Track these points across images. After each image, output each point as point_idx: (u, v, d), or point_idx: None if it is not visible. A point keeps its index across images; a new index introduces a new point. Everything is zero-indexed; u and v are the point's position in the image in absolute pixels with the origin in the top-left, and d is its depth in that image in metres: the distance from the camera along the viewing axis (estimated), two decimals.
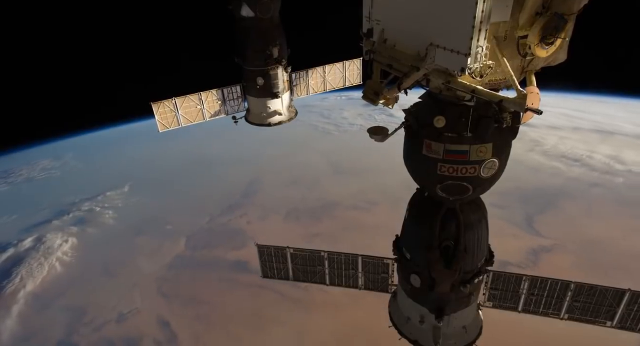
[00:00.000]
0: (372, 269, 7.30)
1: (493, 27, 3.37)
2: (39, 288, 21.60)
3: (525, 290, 6.65)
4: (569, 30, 3.70)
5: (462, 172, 4.48)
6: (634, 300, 6.32)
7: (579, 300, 6.50)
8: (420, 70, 3.83)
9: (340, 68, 10.17)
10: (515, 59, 3.77)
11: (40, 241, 24.91)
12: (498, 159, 4.49)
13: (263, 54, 8.40)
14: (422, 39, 3.64)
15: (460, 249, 5.07)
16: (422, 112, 4.65)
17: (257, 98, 9.13)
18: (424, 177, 4.93)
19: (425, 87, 4.52)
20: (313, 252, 7.55)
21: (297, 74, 9.64)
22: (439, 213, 5.02)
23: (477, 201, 5.32)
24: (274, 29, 8.36)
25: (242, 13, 7.93)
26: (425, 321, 5.74)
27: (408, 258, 5.62)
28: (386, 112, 38.52)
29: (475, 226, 5.19)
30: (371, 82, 4.43)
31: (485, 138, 4.32)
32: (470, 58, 3.26)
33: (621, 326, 6.54)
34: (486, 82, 3.92)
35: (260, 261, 7.96)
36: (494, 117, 4.23)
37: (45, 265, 23.23)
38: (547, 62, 4.02)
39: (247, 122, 9.52)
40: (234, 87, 9.34)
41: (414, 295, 5.77)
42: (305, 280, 7.82)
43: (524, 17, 3.46)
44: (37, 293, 21.19)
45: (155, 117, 8.76)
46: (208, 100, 9.12)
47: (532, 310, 6.77)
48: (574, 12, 3.55)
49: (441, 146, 4.42)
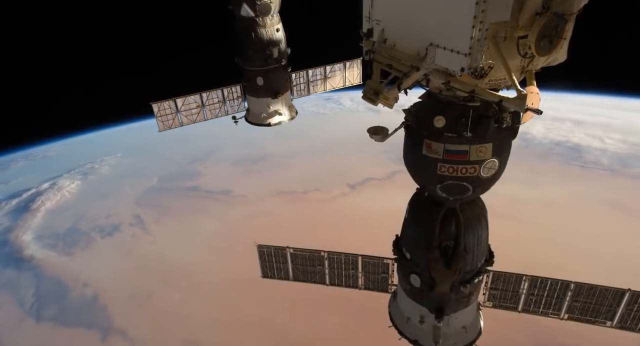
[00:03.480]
0: (372, 269, 7.29)
1: (493, 27, 3.37)
2: (54, 206, 32.43)
3: (525, 290, 6.64)
4: (568, 30, 3.70)
5: (462, 172, 4.48)
6: (634, 300, 6.31)
7: (579, 300, 6.50)
8: (420, 70, 3.83)
9: (340, 68, 10.17)
10: (515, 59, 3.76)
11: (55, 184, 35.37)
12: (498, 159, 4.48)
13: (263, 54, 8.39)
14: (422, 38, 3.64)
15: (460, 249, 5.06)
16: (422, 112, 4.64)
17: (257, 98, 9.13)
18: (424, 177, 4.93)
19: (425, 87, 4.51)
20: (313, 252, 7.54)
21: (297, 74, 9.64)
22: (439, 213, 5.01)
23: (477, 201, 5.32)
24: (274, 28, 8.36)
25: (242, 13, 7.93)
26: (425, 321, 5.74)
27: (408, 258, 5.62)
28: None
29: (475, 226, 5.18)
30: (371, 82, 4.42)
31: (485, 138, 4.32)
32: (470, 58, 3.26)
33: (621, 326, 6.53)
34: (486, 82, 3.91)
35: (260, 261, 7.96)
36: (494, 117, 4.23)
37: (58, 194, 33.77)
38: (547, 62, 4.01)
39: (247, 122, 9.51)
40: (234, 87, 9.34)
41: (414, 295, 5.77)
42: (305, 280, 7.82)
43: (524, 17, 3.45)
44: (52, 209, 32.07)
45: (155, 117, 8.76)
46: (208, 100, 9.13)
47: (532, 310, 6.76)
48: (574, 12, 3.55)
49: (441, 146, 4.42)
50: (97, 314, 21.86)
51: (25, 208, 32.04)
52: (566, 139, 36.54)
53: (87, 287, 23.69)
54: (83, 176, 36.70)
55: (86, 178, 36.40)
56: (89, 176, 36.77)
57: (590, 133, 37.03)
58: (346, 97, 47.96)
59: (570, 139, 36.47)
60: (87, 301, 22.82)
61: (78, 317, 21.84)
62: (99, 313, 21.94)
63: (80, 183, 35.52)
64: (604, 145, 34.90)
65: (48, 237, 28.41)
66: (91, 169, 37.90)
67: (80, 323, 21.54)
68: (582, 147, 35.20)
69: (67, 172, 37.17)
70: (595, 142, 35.40)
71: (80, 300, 22.95)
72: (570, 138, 36.65)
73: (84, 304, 22.64)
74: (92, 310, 22.16)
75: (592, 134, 36.83)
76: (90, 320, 21.57)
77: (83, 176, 36.70)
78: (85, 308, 22.35)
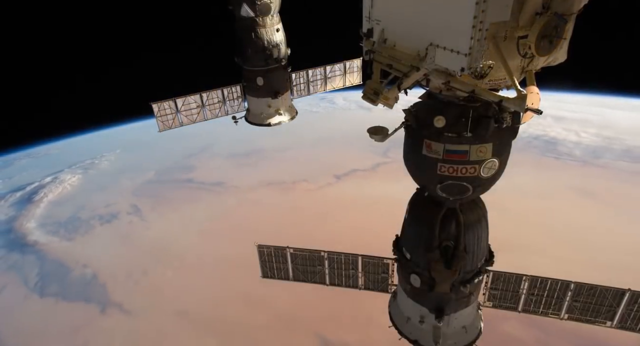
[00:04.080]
0: (372, 269, 7.29)
1: (493, 27, 3.36)
2: (56, 197, 34.18)
3: (525, 290, 6.63)
4: (568, 31, 3.70)
5: (462, 172, 4.48)
6: (634, 300, 6.30)
7: (579, 300, 6.49)
8: (420, 70, 3.83)
9: (340, 68, 10.17)
10: (515, 59, 3.76)
11: (57, 178, 37.15)
12: (498, 159, 4.49)
13: (263, 54, 8.39)
14: (422, 38, 3.63)
15: (460, 249, 5.06)
16: (422, 112, 4.64)
17: (257, 98, 9.13)
18: (424, 177, 4.93)
19: (425, 87, 4.51)
20: (313, 251, 7.54)
21: (297, 74, 9.63)
22: (439, 213, 5.01)
23: (477, 201, 5.32)
24: (274, 28, 8.36)
25: (242, 13, 7.93)
26: (425, 321, 5.74)
27: (408, 258, 5.62)
28: None
29: (475, 226, 5.18)
30: (371, 82, 4.42)
31: (485, 138, 4.32)
32: (470, 58, 3.25)
33: (621, 326, 6.53)
34: (486, 82, 3.91)
35: (260, 261, 7.95)
36: (494, 117, 4.23)
37: (60, 187, 35.67)
38: (547, 62, 4.01)
39: (247, 122, 9.51)
40: (234, 87, 9.34)
41: (414, 295, 5.77)
42: (305, 280, 7.81)
43: (524, 17, 3.45)
44: (54, 200, 33.83)
45: (155, 117, 8.76)
46: (208, 100, 9.13)
47: (532, 310, 6.76)
48: (574, 12, 3.55)
49: (441, 146, 4.42)
50: (96, 290, 23.49)
51: (29, 200, 33.86)
52: (544, 133, 37.84)
53: (86, 268, 25.54)
54: (84, 170, 38.68)
55: (86, 172, 38.38)
56: (89, 171, 38.73)
57: (567, 128, 38.37)
58: (339, 96, 49.67)
59: (548, 133, 37.79)
60: (87, 279, 24.49)
61: (78, 293, 23.43)
62: (98, 289, 23.57)
63: (81, 177, 37.49)
64: (579, 138, 36.53)
65: (50, 224, 30.27)
66: (91, 164, 39.81)
67: (81, 298, 23.13)
68: (558, 140, 36.56)
69: (68, 167, 39.04)
70: (571, 135, 37.10)
71: (81, 278, 24.60)
72: (548, 132, 37.96)
73: (84, 282, 24.27)
74: (91, 287, 23.79)
75: (569, 129, 38.30)
76: (89, 295, 23.20)
77: (84, 170, 38.68)
78: (85, 285, 23.97)
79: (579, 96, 43.02)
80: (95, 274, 24.80)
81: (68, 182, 36.49)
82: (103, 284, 23.94)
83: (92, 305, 22.62)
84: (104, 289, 23.55)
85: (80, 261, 25.89)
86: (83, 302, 22.83)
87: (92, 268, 25.31)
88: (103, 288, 23.66)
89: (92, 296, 23.11)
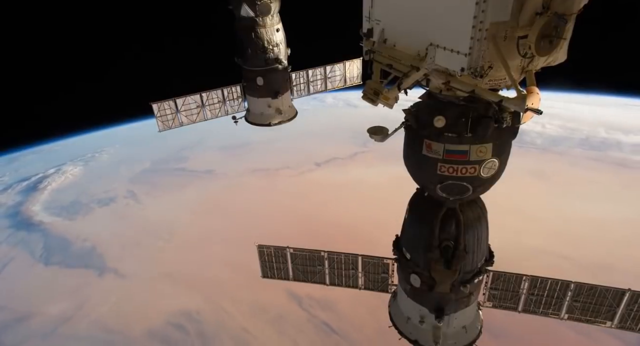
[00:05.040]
0: (372, 269, 7.30)
1: (493, 27, 3.36)
2: (59, 185, 37.43)
3: (525, 290, 6.64)
4: (568, 31, 3.70)
5: (462, 172, 4.48)
6: (634, 300, 6.31)
7: (579, 300, 6.50)
8: (420, 70, 3.83)
9: (340, 68, 10.18)
10: (515, 59, 3.75)
11: (60, 169, 40.29)
12: (498, 159, 4.49)
13: (263, 54, 8.40)
14: (422, 39, 3.63)
15: (460, 249, 5.06)
16: (422, 112, 4.64)
17: (257, 98, 9.13)
18: (424, 177, 4.93)
19: (425, 87, 4.51)
20: (313, 251, 7.55)
21: (297, 74, 9.64)
22: (439, 213, 5.01)
23: (477, 201, 5.32)
24: (274, 29, 8.37)
25: (242, 13, 7.93)
26: (425, 321, 5.74)
27: (408, 258, 5.62)
28: None
29: (475, 226, 5.19)
30: (371, 82, 4.42)
31: (485, 139, 4.32)
32: (470, 58, 3.25)
33: (621, 327, 6.53)
34: (486, 82, 3.91)
35: (260, 261, 7.96)
36: (494, 117, 4.23)
37: (62, 177, 38.81)
38: (547, 62, 4.01)
39: (247, 122, 9.51)
40: (234, 87, 9.34)
41: (414, 295, 5.77)
42: (305, 280, 7.82)
43: (524, 17, 3.45)
44: (57, 188, 37.15)
45: (155, 117, 8.77)
46: (208, 101, 9.13)
47: (532, 310, 6.77)
48: (574, 12, 3.54)
49: (441, 146, 4.42)
50: (95, 259, 27.10)
51: (34, 188, 37.39)
52: None
53: (86, 241, 29.03)
54: (85, 163, 42.05)
55: (87, 164, 41.82)
56: (90, 163, 42.16)
57: (535, 121, 38.77)
58: (329, 96, 51.81)
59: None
60: (87, 250, 28.09)
61: (79, 261, 27.09)
62: (96, 258, 27.15)
63: (82, 168, 40.96)
64: (543, 129, 38.50)
65: (54, 208, 34.01)
66: (92, 157, 43.28)
67: (81, 265, 26.77)
68: (523, 131, 37.15)
69: (70, 160, 42.63)
70: (537, 127, 38.84)
71: (81, 250, 28.29)
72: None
73: (84, 252, 27.90)
74: (90, 257, 27.37)
75: (537, 121, 39.21)
76: (88, 263, 26.81)
77: (85, 163, 42.05)
78: (84, 255, 27.59)
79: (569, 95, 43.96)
80: (94, 246, 28.34)
81: (70, 173, 39.54)
82: (101, 254, 27.44)
83: (90, 270, 26.21)
84: (102, 258, 27.04)
85: (81, 237, 29.50)
86: (83, 268, 26.40)
87: (91, 241, 28.82)
88: (100, 257, 27.18)
89: (90, 264, 26.66)
